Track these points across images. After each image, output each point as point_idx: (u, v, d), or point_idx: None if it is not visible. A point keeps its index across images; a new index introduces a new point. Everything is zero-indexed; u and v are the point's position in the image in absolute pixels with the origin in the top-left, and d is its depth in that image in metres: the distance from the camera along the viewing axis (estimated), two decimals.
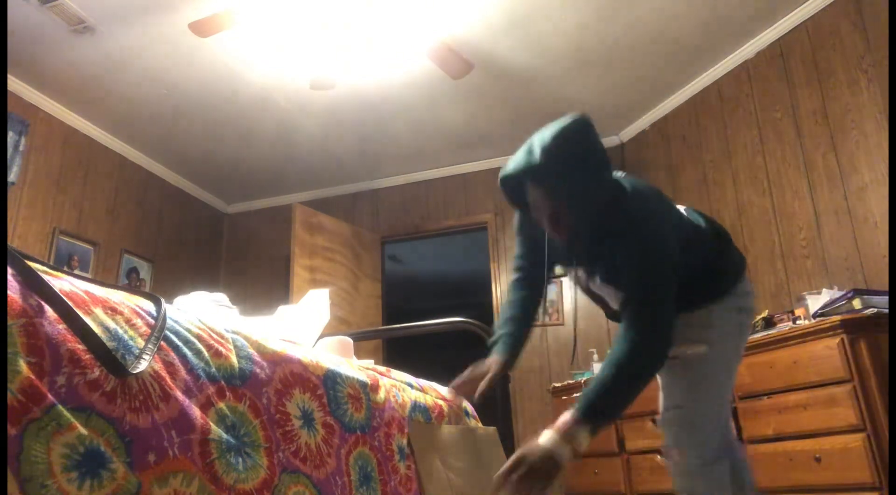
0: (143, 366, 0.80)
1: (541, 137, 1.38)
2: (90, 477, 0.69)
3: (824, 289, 2.72)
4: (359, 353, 1.81)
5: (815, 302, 2.63)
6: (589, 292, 1.68)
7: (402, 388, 1.47)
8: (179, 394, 0.85)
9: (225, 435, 0.89)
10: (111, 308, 0.85)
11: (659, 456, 1.90)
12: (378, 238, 5.16)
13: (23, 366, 0.68)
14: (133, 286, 4.46)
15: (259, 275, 5.34)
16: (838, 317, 2.35)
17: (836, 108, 3.12)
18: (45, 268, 0.82)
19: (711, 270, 1.64)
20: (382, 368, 1.52)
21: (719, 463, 1.60)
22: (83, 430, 0.70)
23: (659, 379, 1.69)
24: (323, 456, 1.08)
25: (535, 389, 4.40)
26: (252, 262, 5.42)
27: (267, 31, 3.38)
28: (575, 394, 3.71)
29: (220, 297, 1.60)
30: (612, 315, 1.69)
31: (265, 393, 1.02)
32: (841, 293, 2.55)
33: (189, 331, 0.95)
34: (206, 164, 4.92)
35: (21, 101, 3.77)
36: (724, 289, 1.67)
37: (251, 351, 1.05)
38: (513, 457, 1.28)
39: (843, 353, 2.29)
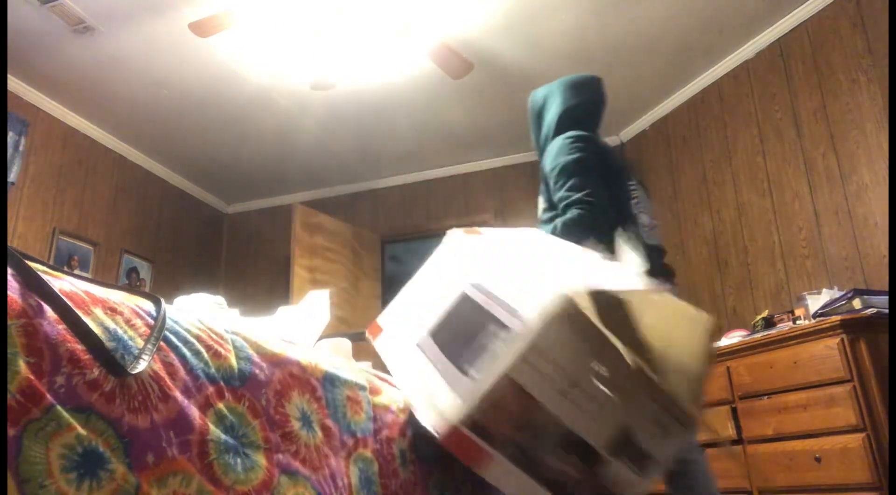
0: (142, 366, 0.79)
1: None
2: (89, 477, 0.69)
3: (824, 289, 2.72)
4: (360, 354, 1.80)
5: (815, 302, 2.63)
6: None
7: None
8: (178, 395, 0.85)
9: (224, 436, 0.89)
10: (111, 308, 0.85)
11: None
12: (378, 238, 5.16)
13: (22, 366, 0.67)
14: (133, 286, 4.46)
15: (259, 275, 5.33)
16: (838, 317, 2.35)
17: (836, 108, 3.12)
18: (44, 268, 0.81)
19: None
20: (383, 374, 1.50)
21: None
22: (82, 431, 0.70)
23: None
24: (322, 458, 1.08)
25: None
26: (252, 262, 5.42)
27: (267, 31, 3.38)
28: None
29: (220, 300, 1.61)
30: None
31: (264, 394, 1.02)
32: (841, 293, 2.55)
33: (189, 331, 0.95)
34: (206, 164, 4.92)
35: (21, 101, 3.77)
36: None
37: (250, 352, 1.05)
38: None
39: (842, 353, 2.28)
